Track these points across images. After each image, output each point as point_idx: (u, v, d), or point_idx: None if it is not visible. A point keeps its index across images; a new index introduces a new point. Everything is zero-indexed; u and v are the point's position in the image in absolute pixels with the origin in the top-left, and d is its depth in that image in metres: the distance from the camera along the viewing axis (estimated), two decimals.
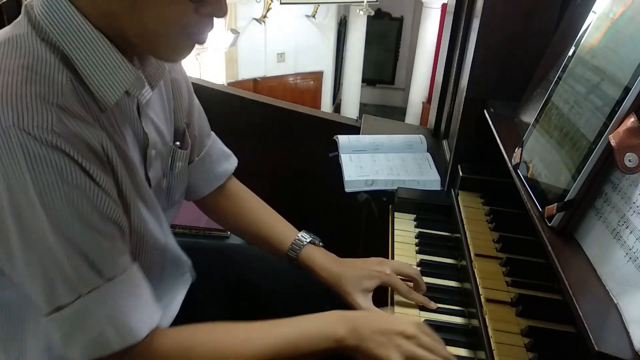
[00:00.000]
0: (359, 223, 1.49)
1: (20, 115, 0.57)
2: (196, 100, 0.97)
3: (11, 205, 0.58)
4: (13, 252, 0.61)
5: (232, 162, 1.06)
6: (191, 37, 0.67)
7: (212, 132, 1.03)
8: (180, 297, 0.95)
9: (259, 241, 1.04)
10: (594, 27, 0.79)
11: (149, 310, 0.69)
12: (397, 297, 0.94)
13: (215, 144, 1.02)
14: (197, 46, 0.69)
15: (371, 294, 0.92)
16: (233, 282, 1.08)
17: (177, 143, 0.88)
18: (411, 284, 0.94)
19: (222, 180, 1.03)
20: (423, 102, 8.58)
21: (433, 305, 0.92)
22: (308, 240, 0.98)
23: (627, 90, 0.63)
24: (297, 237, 0.99)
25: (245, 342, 0.74)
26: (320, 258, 0.96)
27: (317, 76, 8.79)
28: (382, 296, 0.95)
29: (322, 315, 0.78)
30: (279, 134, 1.88)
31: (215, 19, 0.67)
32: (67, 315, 0.62)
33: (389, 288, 0.94)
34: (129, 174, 0.70)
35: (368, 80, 10.11)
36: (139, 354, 0.68)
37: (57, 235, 0.60)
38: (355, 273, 0.92)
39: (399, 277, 0.94)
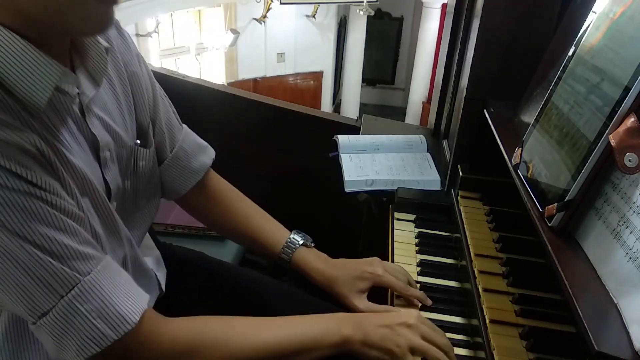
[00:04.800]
0: (359, 223, 1.49)
1: None
2: (160, 91, 0.91)
3: None
4: None
5: (209, 154, 0.99)
6: None
7: (184, 125, 0.97)
8: None
9: (248, 242, 1.02)
10: (594, 27, 0.79)
11: (135, 294, 0.67)
12: (396, 301, 0.94)
13: (188, 137, 0.96)
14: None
15: (366, 294, 0.92)
16: (229, 284, 1.07)
17: (138, 141, 0.82)
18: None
19: (200, 174, 0.96)
20: (423, 102, 8.59)
21: (428, 301, 0.93)
22: (300, 243, 0.97)
23: (627, 90, 0.63)
24: (289, 240, 0.97)
25: (256, 332, 0.75)
26: (314, 261, 0.96)
27: (317, 76, 8.81)
28: (379, 297, 0.95)
29: (328, 314, 0.81)
30: (278, 134, 1.88)
31: None
32: (53, 319, 0.61)
33: (389, 289, 0.94)
34: (74, 180, 0.65)
35: (368, 80, 10.12)
36: (143, 341, 0.67)
37: (15, 240, 0.57)
38: (348, 275, 0.93)
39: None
